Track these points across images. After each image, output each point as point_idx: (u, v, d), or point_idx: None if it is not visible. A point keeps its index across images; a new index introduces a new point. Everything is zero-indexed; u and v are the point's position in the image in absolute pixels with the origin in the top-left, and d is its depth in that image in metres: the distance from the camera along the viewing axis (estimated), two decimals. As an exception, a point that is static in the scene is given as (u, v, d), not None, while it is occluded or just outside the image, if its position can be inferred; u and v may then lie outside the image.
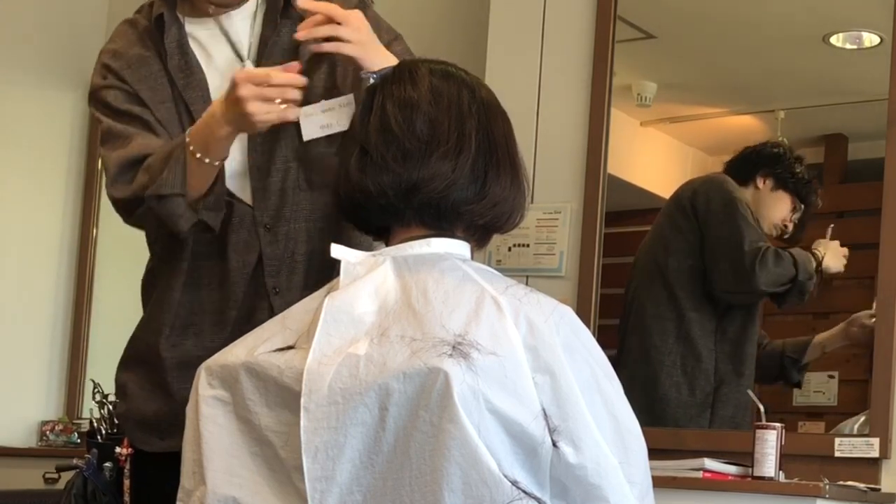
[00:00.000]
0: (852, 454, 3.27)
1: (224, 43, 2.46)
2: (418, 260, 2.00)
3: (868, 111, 3.69)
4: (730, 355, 3.72)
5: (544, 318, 1.90)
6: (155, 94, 2.43)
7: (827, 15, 3.78)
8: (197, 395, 2.00)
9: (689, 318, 3.75)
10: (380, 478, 1.84)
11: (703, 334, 3.74)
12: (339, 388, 1.86)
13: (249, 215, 2.40)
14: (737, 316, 3.74)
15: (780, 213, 3.77)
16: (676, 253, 3.81)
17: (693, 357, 3.73)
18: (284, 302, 2.34)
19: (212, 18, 2.46)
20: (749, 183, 3.78)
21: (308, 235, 2.42)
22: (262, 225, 2.40)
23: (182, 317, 2.42)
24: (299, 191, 2.41)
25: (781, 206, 3.77)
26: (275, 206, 2.40)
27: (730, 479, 3.18)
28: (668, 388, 3.72)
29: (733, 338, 3.74)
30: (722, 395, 3.71)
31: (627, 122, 3.96)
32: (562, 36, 3.86)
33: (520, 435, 1.82)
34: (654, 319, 3.82)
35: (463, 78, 2.08)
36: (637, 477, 1.92)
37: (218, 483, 1.95)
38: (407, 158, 1.99)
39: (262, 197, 2.40)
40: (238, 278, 2.39)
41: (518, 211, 2.07)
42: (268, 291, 2.39)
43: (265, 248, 2.39)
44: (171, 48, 2.44)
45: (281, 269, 2.40)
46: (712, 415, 3.70)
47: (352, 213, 2.09)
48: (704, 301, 3.76)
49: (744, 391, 3.64)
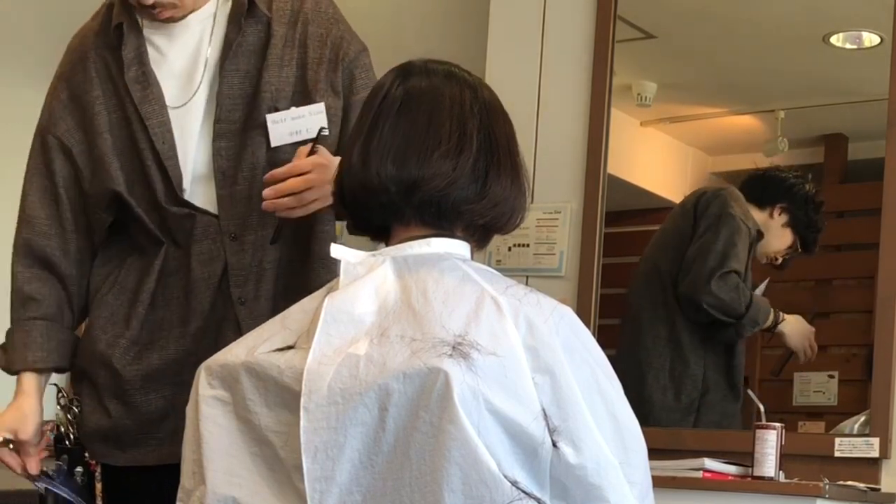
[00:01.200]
0: (852, 454, 3.27)
1: (182, 47, 2.41)
2: (418, 260, 2.00)
3: (868, 111, 3.69)
4: (718, 364, 3.72)
5: (544, 318, 1.90)
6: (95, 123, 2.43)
7: (827, 15, 3.78)
8: (197, 394, 2.00)
9: (680, 324, 3.75)
10: (379, 478, 1.84)
11: (692, 340, 3.74)
12: (339, 388, 1.86)
13: (214, 225, 2.37)
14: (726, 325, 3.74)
15: (779, 247, 3.81)
16: (673, 255, 3.81)
17: (681, 362, 3.73)
18: (250, 313, 2.35)
19: (163, 23, 2.40)
20: (765, 208, 3.81)
21: (288, 252, 2.40)
22: (227, 234, 2.37)
23: (147, 333, 2.40)
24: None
25: (783, 242, 3.80)
26: (241, 215, 2.37)
27: (730, 479, 3.19)
28: (654, 391, 3.73)
29: (723, 346, 3.73)
30: (707, 401, 3.71)
31: (627, 122, 3.96)
32: (562, 36, 3.87)
33: (520, 435, 1.82)
34: (649, 322, 3.82)
35: (465, 78, 2.09)
36: (637, 477, 1.92)
37: (218, 483, 1.95)
38: (408, 156, 1.99)
39: (228, 205, 2.37)
40: (203, 289, 2.37)
41: (518, 212, 2.07)
42: (233, 302, 2.37)
43: (230, 258, 2.36)
44: (128, 59, 2.40)
45: (248, 279, 2.37)
46: (696, 421, 3.70)
47: (352, 210, 2.09)
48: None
49: (731, 400, 3.66)
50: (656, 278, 3.82)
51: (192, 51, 2.41)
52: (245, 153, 2.37)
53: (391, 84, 2.07)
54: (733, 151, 4.09)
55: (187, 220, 2.37)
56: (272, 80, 2.38)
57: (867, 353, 3.42)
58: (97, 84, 2.43)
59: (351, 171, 2.04)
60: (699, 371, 3.71)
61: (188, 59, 2.41)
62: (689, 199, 3.84)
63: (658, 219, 4.02)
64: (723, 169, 4.07)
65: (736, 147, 4.08)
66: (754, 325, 3.69)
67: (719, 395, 3.70)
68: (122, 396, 2.39)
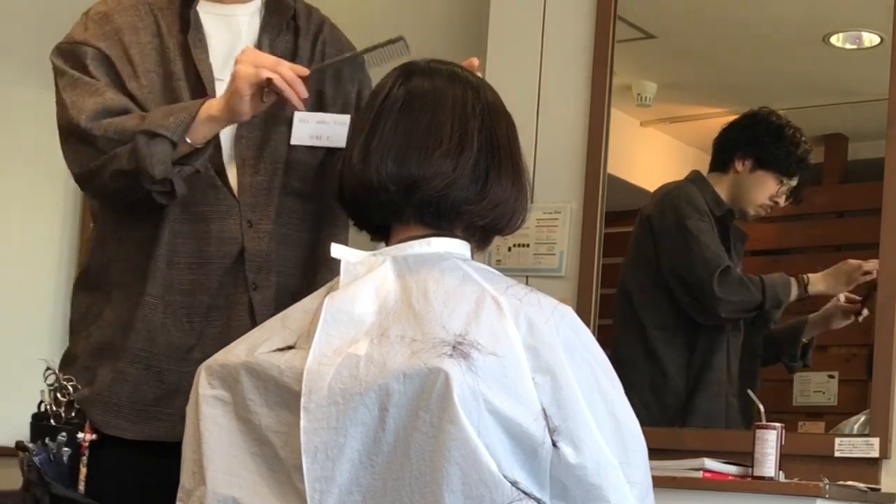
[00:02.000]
0: (852, 454, 3.27)
1: (225, 32, 2.45)
2: (418, 260, 2.00)
3: (868, 111, 3.69)
4: (699, 365, 3.69)
5: (544, 318, 1.90)
6: (144, 61, 2.39)
7: (827, 15, 3.78)
8: (197, 394, 2.00)
9: (653, 336, 3.70)
10: (379, 478, 1.84)
11: (668, 351, 3.68)
12: (339, 388, 1.86)
13: (236, 208, 2.38)
14: (705, 328, 3.70)
15: (764, 194, 3.66)
16: (636, 269, 3.78)
17: (660, 374, 3.69)
18: (262, 299, 2.35)
19: (219, 4, 2.44)
20: (728, 169, 3.69)
21: (284, 239, 2.41)
22: (245, 220, 2.38)
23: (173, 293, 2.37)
24: (283, 195, 2.40)
25: (765, 187, 3.66)
26: (261, 205, 2.38)
27: (730, 479, 3.19)
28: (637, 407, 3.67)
29: (703, 349, 3.68)
30: (691, 405, 3.67)
31: (627, 122, 3.96)
32: (562, 36, 3.87)
33: (520, 435, 1.82)
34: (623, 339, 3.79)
35: (468, 79, 2.09)
36: (637, 477, 1.92)
37: (218, 483, 1.95)
38: (409, 154, 2.00)
39: (249, 193, 2.38)
40: (216, 268, 2.36)
41: (519, 213, 2.07)
42: (248, 286, 2.37)
43: (248, 243, 2.37)
44: (194, 19, 2.42)
45: (262, 267, 2.38)
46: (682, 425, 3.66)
47: (352, 209, 2.10)
48: (669, 316, 3.70)
49: (713, 400, 3.62)
50: (624, 295, 3.79)
51: (233, 39, 2.44)
52: (268, 145, 2.40)
53: (393, 83, 2.07)
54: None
55: (211, 192, 2.37)
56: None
57: (867, 353, 3.42)
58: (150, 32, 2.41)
59: (351, 169, 2.04)
60: (680, 381, 3.66)
61: (228, 46, 2.43)
62: (643, 210, 3.76)
63: (658, 219, 4.02)
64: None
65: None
66: (778, 302, 3.59)
67: (702, 396, 3.66)
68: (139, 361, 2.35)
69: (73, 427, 2.37)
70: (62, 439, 2.34)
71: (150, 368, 2.35)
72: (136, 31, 2.41)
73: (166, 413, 2.35)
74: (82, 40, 2.40)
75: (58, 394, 2.40)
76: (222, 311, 2.37)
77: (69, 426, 2.37)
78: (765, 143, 3.67)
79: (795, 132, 3.64)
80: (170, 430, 2.31)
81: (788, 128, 3.65)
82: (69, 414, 2.39)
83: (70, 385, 2.39)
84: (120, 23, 2.41)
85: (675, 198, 3.73)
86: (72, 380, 2.39)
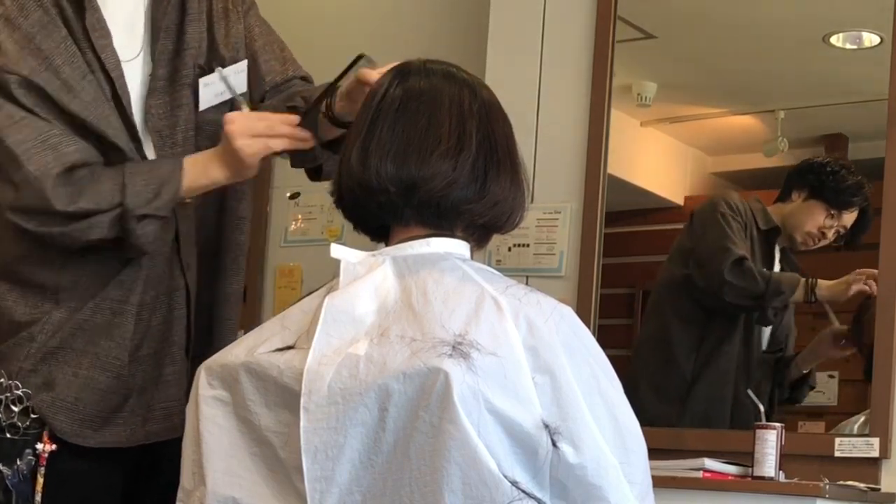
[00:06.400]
0: (852, 454, 3.27)
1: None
2: (418, 260, 2.00)
3: (868, 111, 3.70)
4: (707, 353, 3.73)
5: (544, 318, 1.90)
6: (74, 71, 2.23)
7: (827, 15, 3.78)
8: (197, 395, 2.00)
9: (671, 323, 3.78)
10: (379, 478, 1.84)
11: (682, 338, 3.76)
12: (339, 388, 1.86)
13: None
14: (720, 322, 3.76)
15: (812, 222, 3.76)
16: (671, 261, 3.86)
17: (671, 358, 3.76)
18: (193, 278, 2.32)
19: None
20: (787, 199, 3.80)
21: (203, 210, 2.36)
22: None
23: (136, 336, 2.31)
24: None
25: (814, 216, 3.77)
26: None
27: (730, 479, 3.19)
28: (646, 391, 3.74)
29: (714, 338, 3.75)
30: (694, 392, 3.73)
31: (627, 122, 3.96)
32: (562, 36, 3.87)
33: (520, 435, 1.82)
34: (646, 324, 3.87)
35: (465, 78, 2.09)
36: (637, 477, 1.92)
37: (218, 483, 1.95)
38: (407, 155, 1.99)
39: None
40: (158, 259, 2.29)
41: (518, 211, 2.07)
42: (183, 269, 2.32)
43: (180, 224, 2.31)
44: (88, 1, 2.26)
45: (191, 245, 2.33)
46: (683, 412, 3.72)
47: (351, 210, 2.09)
48: (687, 306, 3.81)
49: (717, 387, 3.68)
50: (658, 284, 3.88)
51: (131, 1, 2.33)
52: (180, 111, 2.32)
53: (389, 84, 2.06)
54: (733, 152, 4.09)
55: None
56: (194, 35, 2.34)
57: (867, 353, 3.42)
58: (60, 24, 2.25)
59: (349, 171, 2.04)
60: (688, 368, 3.74)
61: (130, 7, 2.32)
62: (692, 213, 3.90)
63: (658, 219, 4.03)
64: (723, 169, 4.07)
65: (736, 147, 4.08)
66: (779, 294, 3.69)
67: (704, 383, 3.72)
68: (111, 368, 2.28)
69: (30, 438, 2.25)
70: (31, 459, 2.25)
71: (112, 371, 2.28)
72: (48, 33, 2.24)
73: (122, 416, 2.29)
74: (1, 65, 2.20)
75: (10, 404, 2.25)
76: (162, 301, 2.31)
77: (26, 437, 2.26)
78: (819, 175, 3.77)
79: (849, 169, 3.75)
80: (130, 436, 2.29)
81: (844, 166, 3.76)
82: (24, 423, 2.26)
83: (21, 392, 2.25)
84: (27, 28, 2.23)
85: (718, 197, 3.85)
86: (20, 386, 2.26)
